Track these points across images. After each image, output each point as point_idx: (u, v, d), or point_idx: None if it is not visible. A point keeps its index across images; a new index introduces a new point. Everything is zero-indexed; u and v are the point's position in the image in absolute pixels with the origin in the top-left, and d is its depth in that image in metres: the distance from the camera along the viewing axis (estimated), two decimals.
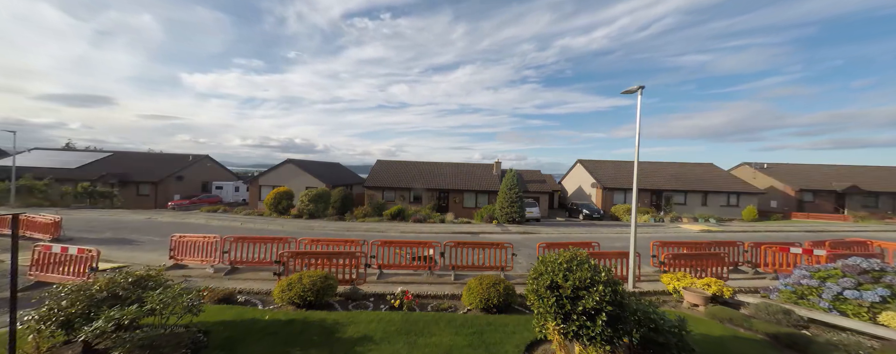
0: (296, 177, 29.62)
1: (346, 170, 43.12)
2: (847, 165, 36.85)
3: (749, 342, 6.20)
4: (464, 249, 10.13)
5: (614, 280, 4.86)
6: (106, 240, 14.47)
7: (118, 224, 19.62)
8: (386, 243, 10.08)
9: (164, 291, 5.22)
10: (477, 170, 33.31)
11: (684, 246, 10.99)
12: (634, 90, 9.16)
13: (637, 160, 9.38)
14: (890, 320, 6.38)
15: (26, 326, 4.81)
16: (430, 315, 7.05)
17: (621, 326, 4.50)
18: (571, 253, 5.08)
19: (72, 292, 5.03)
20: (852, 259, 7.81)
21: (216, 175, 38.76)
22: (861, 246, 12.10)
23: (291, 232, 16.99)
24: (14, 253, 4.24)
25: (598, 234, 19.56)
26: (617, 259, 9.46)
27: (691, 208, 29.11)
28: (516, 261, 11.12)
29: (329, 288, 7.24)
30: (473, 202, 28.53)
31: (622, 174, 31.39)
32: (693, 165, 34.89)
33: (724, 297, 8.07)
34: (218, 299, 7.42)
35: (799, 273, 8.20)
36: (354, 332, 6.06)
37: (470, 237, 18.51)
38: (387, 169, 32.41)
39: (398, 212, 23.95)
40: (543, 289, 4.72)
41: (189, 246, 10.30)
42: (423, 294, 8.18)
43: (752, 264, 11.06)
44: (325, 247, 10.32)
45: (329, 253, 9.01)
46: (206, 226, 19.95)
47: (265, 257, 10.06)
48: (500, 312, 7.12)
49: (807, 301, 7.57)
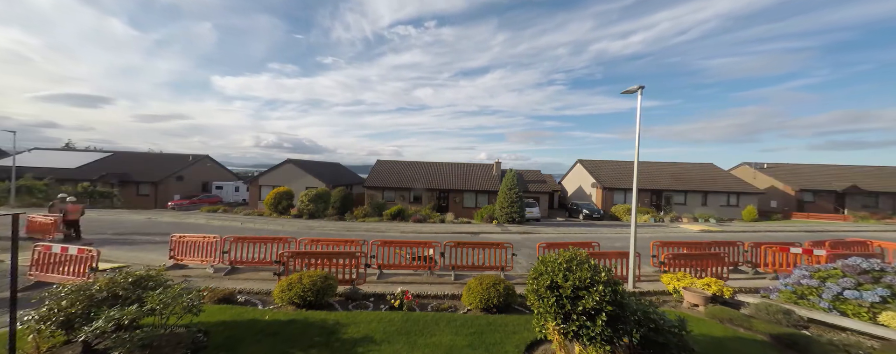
0: (296, 177, 29.63)
1: (347, 170, 43.13)
2: (847, 165, 36.86)
3: (749, 342, 6.19)
4: (464, 249, 10.12)
5: (614, 280, 4.86)
6: (106, 240, 14.46)
7: (118, 224, 19.63)
8: (386, 243, 10.07)
9: (164, 291, 5.21)
10: (477, 170, 33.32)
11: (684, 246, 10.99)
12: (634, 90, 9.15)
13: (637, 160, 9.37)
14: (890, 320, 6.38)
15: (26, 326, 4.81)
16: (431, 315, 7.05)
17: (621, 326, 4.50)
18: (571, 253, 5.08)
19: (72, 292, 5.02)
20: (852, 259, 7.81)
21: (216, 175, 38.76)
22: (861, 246, 12.10)
23: (291, 232, 17.00)
24: (14, 253, 4.24)
25: (598, 234, 19.55)
26: (617, 259, 9.45)
27: (691, 208, 29.11)
28: (516, 261, 11.12)
29: (329, 288, 7.24)
30: (473, 202, 28.54)
31: (622, 174, 31.39)
32: (693, 165, 34.90)
33: (724, 297, 8.07)
34: (218, 299, 7.41)
35: (799, 273, 8.20)
36: (354, 332, 6.06)
37: (470, 237, 18.51)
38: (387, 169, 32.41)
39: (398, 212, 23.95)
40: (543, 289, 4.72)
41: (189, 246, 10.30)
42: (423, 294, 8.18)
43: (752, 264, 11.06)
44: (325, 247, 10.32)
45: (329, 253, 9.01)
46: (207, 226, 19.96)
47: (265, 257, 10.05)
48: (500, 312, 7.12)
49: (807, 301, 7.57)
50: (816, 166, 36.84)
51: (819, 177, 33.91)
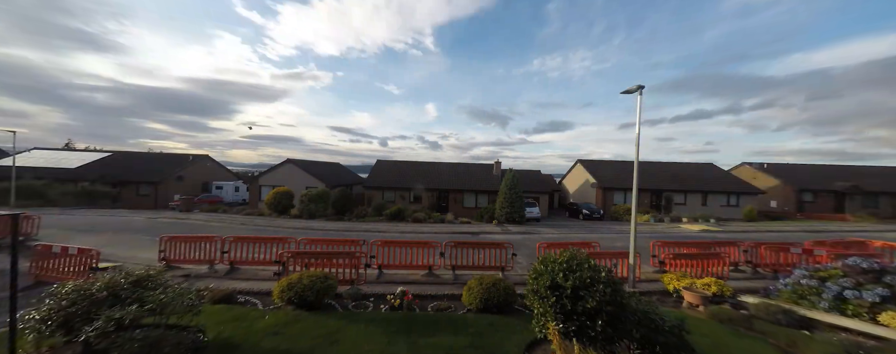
0: (296, 177, 29.61)
1: (347, 170, 43.15)
2: (847, 165, 36.88)
3: (749, 342, 6.20)
4: (464, 249, 10.12)
5: (614, 280, 4.86)
6: (106, 240, 14.46)
7: (118, 224, 19.63)
8: (386, 243, 10.07)
9: (164, 291, 5.21)
10: (477, 170, 33.33)
11: (684, 246, 11.00)
12: (634, 90, 9.15)
13: (637, 160, 9.37)
14: (890, 320, 6.39)
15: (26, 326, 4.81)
16: (431, 315, 7.06)
17: (621, 326, 4.51)
18: (571, 253, 5.08)
19: (72, 292, 5.02)
20: (852, 259, 7.81)
21: (216, 175, 38.78)
22: (861, 246, 12.11)
23: (291, 232, 17.00)
24: (14, 253, 4.24)
25: (598, 234, 19.55)
26: (617, 259, 9.46)
27: (691, 208, 29.10)
28: (516, 261, 11.12)
29: (329, 288, 7.24)
30: (473, 202, 28.54)
31: (622, 174, 31.39)
32: (693, 165, 34.92)
33: (724, 297, 8.07)
34: (218, 299, 7.41)
35: (799, 273, 8.21)
36: (355, 332, 6.06)
37: (470, 237, 18.50)
38: (387, 169, 32.42)
39: (398, 212, 23.94)
40: (543, 289, 4.73)
41: (189, 246, 10.30)
42: (424, 294, 8.18)
43: (752, 264, 11.06)
44: (325, 247, 10.31)
45: (329, 253, 9.02)
46: (206, 226, 19.95)
47: (265, 257, 10.05)
48: (500, 312, 7.13)
49: (807, 301, 7.58)
50: (816, 166, 36.84)
51: (819, 176, 33.91)
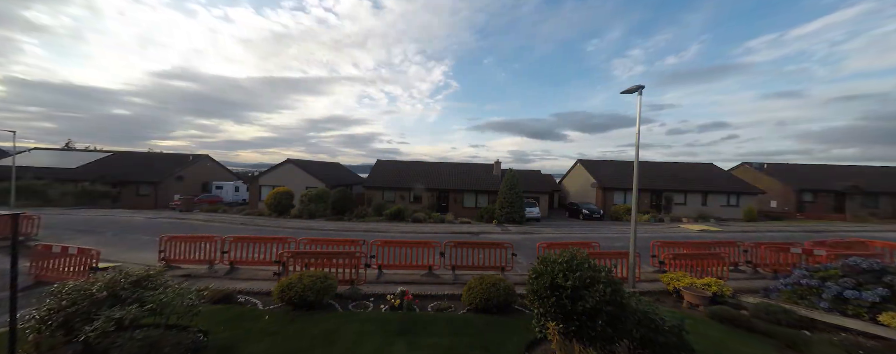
0: (296, 177, 29.61)
1: (346, 170, 43.15)
2: (847, 165, 36.87)
3: (749, 342, 6.20)
4: (464, 249, 10.12)
5: (614, 280, 4.85)
6: (106, 240, 14.47)
7: (118, 224, 19.62)
8: (386, 243, 10.07)
9: (164, 291, 5.21)
10: (477, 170, 33.32)
11: (684, 246, 10.99)
12: (633, 90, 9.14)
13: (637, 160, 9.37)
14: (890, 320, 6.39)
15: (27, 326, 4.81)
16: (431, 315, 7.06)
17: (621, 326, 4.50)
18: (571, 252, 5.08)
19: (72, 292, 5.02)
20: (852, 259, 7.81)
21: (216, 175, 38.76)
22: (861, 246, 12.10)
23: (291, 232, 16.99)
24: (14, 253, 4.24)
25: (598, 234, 19.55)
26: (617, 259, 9.46)
27: (691, 208, 29.11)
28: (516, 261, 11.12)
29: (329, 287, 7.24)
30: (473, 202, 28.53)
31: (622, 174, 31.38)
32: (693, 165, 34.91)
33: (724, 297, 8.07)
34: (218, 299, 7.41)
35: (799, 273, 8.21)
36: (354, 332, 6.06)
37: (470, 237, 18.50)
38: (387, 169, 32.41)
39: (398, 212, 23.94)
40: (543, 289, 4.73)
41: (189, 246, 10.30)
42: (423, 294, 8.18)
43: (752, 264, 11.06)
44: (325, 247, 10.31)
45: (329, 253, 9.02)
46: (206, 226, 19.95)
47: (265, 257, 10.05)
48: (500, 312, 7.13)
49: (807, 301, 7.58)
50: (816, 166, 36.83)
51: (819, 176, 33.90)
